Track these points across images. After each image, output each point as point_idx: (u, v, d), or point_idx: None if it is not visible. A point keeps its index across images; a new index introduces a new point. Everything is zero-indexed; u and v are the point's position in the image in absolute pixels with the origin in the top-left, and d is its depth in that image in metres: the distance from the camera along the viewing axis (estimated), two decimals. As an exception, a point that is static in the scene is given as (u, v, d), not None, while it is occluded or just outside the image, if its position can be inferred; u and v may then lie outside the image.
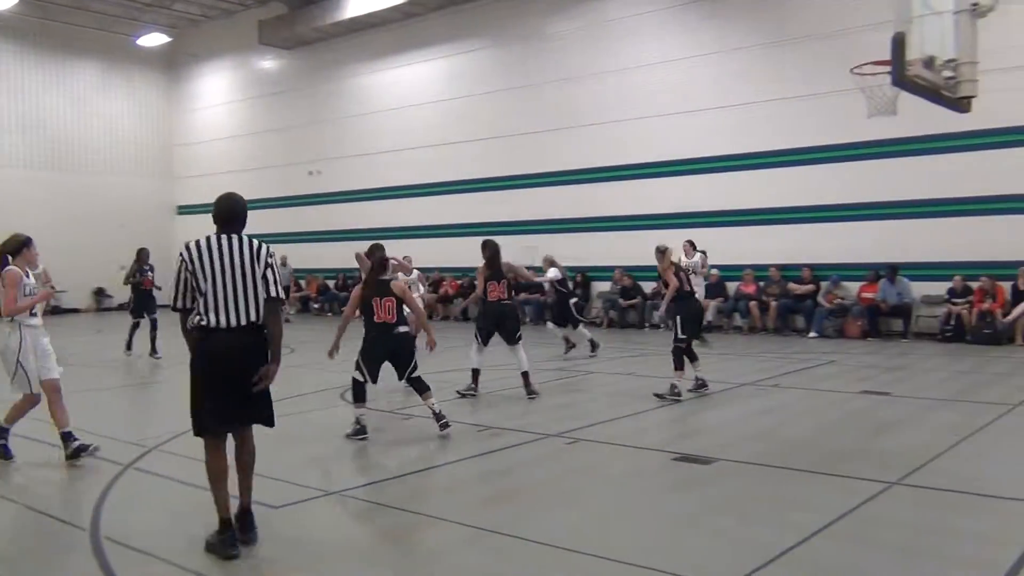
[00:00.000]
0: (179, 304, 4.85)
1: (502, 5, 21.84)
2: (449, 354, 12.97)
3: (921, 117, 12.35)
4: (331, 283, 25.37)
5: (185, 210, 30.62)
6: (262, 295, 4.82)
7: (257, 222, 28.80)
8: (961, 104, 8.47)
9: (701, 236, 18.22)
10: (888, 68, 8.13)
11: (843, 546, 4.79)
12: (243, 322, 4.76)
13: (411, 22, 23.53)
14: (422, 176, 23.44)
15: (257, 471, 6.59)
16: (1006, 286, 14.77)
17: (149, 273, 14.97)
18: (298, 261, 26.46)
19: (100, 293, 28.47)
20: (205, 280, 4.73)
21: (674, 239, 18.84)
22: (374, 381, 7.72)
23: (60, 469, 6.59)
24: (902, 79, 7.60)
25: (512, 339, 9.86)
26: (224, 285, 4.74)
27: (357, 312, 7.89)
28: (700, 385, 9.84)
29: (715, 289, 17.76)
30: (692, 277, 11.79)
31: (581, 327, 14.02)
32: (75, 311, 27.33)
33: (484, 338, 9.93)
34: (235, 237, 4.87)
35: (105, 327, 22.07)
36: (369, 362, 7.68)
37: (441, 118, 23.08)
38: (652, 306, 18.70)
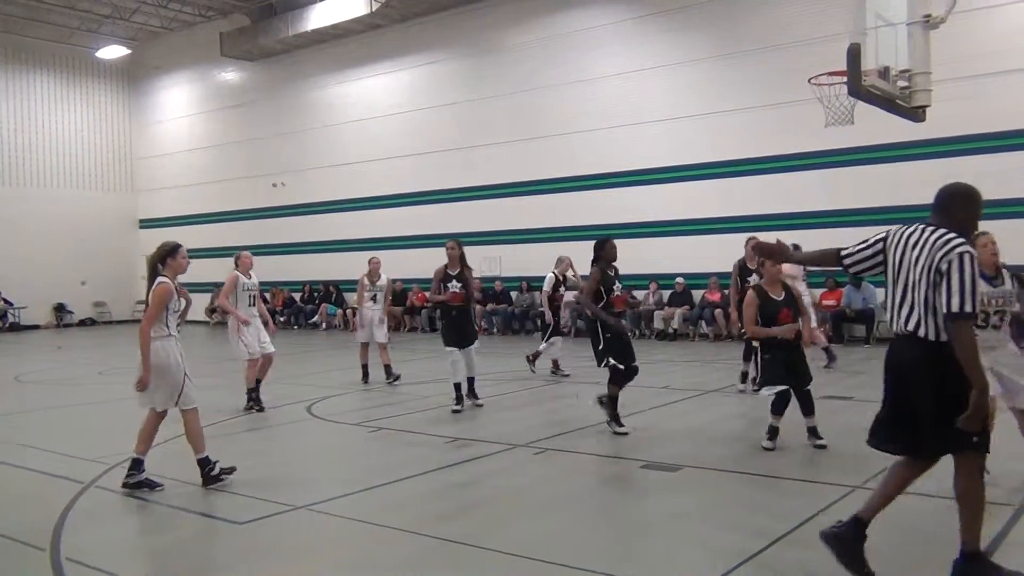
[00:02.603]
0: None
1: (464, 18, 21.92)
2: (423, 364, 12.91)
3: (878, 126, 12.59)
4: (297, 296, 25.17)
5: (147, 224, 30.27)
6: (927, 304, 4.02)
7: (220, 234, 28.60)
8: (916, 113, 8.63)
9: (665, 244, 18.41)
10: (844, 78, 8.27)
11: (808, 550, 4.83)
12: (901, 329, 4.14)
13: (374, 34, 23.52)
14: (386, 187, 23.41)
15: (220, 486, 6.53)
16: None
17: (454, 286, 9.70)
18: (262, 274, 26.25)
19: (60, 309, 28.04)
20: (886, 273, 4.29)
21: (636, 248, 19.12)
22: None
23: (20, 488, 6.45)
24: (858, 89, 7.71)
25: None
26: (895, 282, 4.22)
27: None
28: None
29: (681, 297, 17.95)
30: None
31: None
32: (35, 327, 26.85)
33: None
34: (929, 228, 4.12)
35: (65, 344, 21.71)
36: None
37: (404, 130, 23.09)
38: (633, 316, 18.82)
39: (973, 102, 14.65)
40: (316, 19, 23.26)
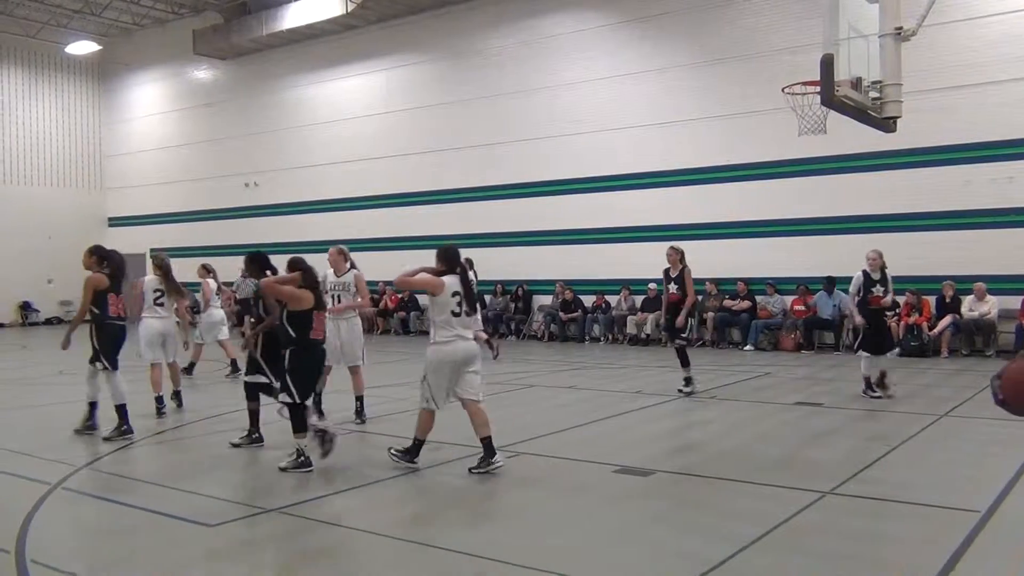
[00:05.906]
0: None
1: (440, 20, 21.90)
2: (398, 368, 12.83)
3: (850, 136, 12.75)
4: (267, 297, 24.95)
5: (116, 222, 29.87)
6: None
7: (190, 234, 28.18)
8: (887, 124, 8.73)
9: (637, 250, 18.45)
10: (817, 88, 8.35)
11: (778, 555, 4.88)
12: None
13: (349, 35, 23.41)
14: (360, 189, 23.31)
15: (189, 488, 6.46)
16: (931, 300, 15.27)
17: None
18: (230, 273, 26.05)
19: (26, 307, 27.57)
20: None
21: (609, 253, 19.23)
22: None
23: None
24: (831, 99, 7.78)
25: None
26: None
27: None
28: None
29: (653, 303, 17.98)
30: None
31: None
32: (-1, 326, 26.43)
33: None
34: None
35: (31, 343, 21.36)
36: None
37: (378, 131, 23.00)
38: (591, 319, 18.89)
39: (943, 114, 14.89)
40: (291, 19, 23.12)
